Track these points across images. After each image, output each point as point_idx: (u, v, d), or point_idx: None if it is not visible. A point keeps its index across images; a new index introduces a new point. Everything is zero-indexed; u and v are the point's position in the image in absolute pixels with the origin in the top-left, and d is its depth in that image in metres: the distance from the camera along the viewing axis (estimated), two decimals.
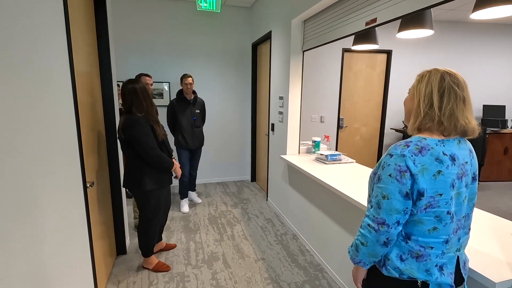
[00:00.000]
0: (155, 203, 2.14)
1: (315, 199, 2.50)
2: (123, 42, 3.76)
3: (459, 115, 0.90)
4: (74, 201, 1.40)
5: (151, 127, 2.01)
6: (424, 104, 0.93)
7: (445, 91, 0.91)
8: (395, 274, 0.97)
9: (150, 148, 1.98)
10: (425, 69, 1.00)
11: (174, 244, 2.64)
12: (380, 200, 0.93)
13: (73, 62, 1.41)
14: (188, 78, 3.18)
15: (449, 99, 0.90)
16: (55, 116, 1.21)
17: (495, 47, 4.76)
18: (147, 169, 2.04)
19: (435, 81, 0.92)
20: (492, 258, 1.11)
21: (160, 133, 2.07)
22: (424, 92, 0.94)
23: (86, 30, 1.87)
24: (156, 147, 2.01)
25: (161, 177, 2.12)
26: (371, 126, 4.68)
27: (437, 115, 0.91)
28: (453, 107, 0.90)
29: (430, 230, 0.92)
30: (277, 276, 2.25)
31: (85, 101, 1.77)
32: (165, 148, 2.13)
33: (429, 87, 0.93)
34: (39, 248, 1.03)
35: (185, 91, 3.24)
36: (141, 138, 1.95)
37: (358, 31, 1.97)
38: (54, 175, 1.17)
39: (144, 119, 1.99)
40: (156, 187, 2.09)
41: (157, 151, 2.01)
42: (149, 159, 1.99)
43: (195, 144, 3.38)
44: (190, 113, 3.30)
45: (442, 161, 0.89)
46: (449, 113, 0.90)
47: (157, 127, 2.06)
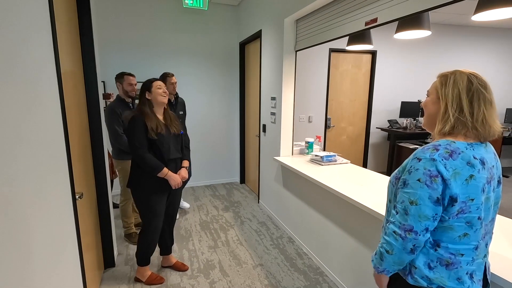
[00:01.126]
0: (149, 208, 1.98)
1: (311, 200, 2.46)
2: (105, 40, 3.54)
3: (489, 119, 0.88)
4: (63, 215, 1.25)
5: (144, 124, 1.85)
6: (453, 109, 0.89)
7: (474, 95, 0.88)
8: (424, 283, 0.93)
9: (133, 147, 1.84)
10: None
11: (187, 266, 2.34)
12: (407, 206, 0.89)
13: (59, 62, 1.26)
14: (173, 77, 2.83)
15: (479, 104, 0.87)
16: (42, 123, 1.07)
17: (479, 50, 4.98)
18: (137, 169, 1.92)
19: (463, 84, 0.89)
20: (507, 259, 1.11)
21: (153, 130, 1.87)
22: (451, 96, 0.90)
23: (68, 28, 1.71)
24: (141, 146, 1.84)
25: (155, 181, 1.93)
26: (357, 126, 4.74)
27: (470, 121, 0.87)
28: (484, 112, 0.87)
29: (460, 237, 0.89)
30: (277, 282, 2.18)
31: (70, 105, 1.61)
32: (156, 147, 1.90)
33: (457, 91, 0.89)
34: (28, 267, 0.90)
35: (170, 91, 2.86)
36: (129, 135, 1.86)
37: (357, 31, 1.94)
38: (42, 187, 1.03)
39: (141, 117, 1.87)
40: (148, 191, 1.94)
41: (140, 151, 1.84)
42: (134, 157, 1.88)
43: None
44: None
45: (473, 165, 0.86)
46: (482, 119, 0.87)
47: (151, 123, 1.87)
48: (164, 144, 1.92)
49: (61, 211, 1.22)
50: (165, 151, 1.93)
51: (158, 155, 1.91)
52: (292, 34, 2.79)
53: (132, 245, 2.69)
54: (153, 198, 1.97)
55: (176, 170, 2.04)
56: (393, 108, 4.82)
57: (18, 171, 0.86)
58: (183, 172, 2.06)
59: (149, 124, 1.86)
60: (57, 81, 1.25)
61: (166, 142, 1.93)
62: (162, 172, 1.89)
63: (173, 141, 1.99)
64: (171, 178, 1.94)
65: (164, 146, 1.92)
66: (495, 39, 5.03)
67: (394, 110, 4.83)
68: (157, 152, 1.91)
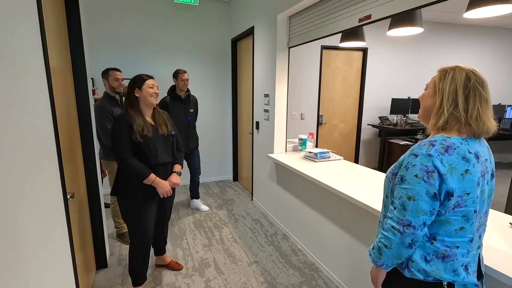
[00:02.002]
0: (136, 219, 1.80)
1: (306, 197, 2.47)
2: (93, 36, 3.45)
3: (484, 117, 0.89)
4: (55, 215, 1.22)
5: (130, 126, 1.69)
6: (448, 103, 0.91)
7: (470, 92, 0.89)
8: (420, 276, 0.94)
9: (116, 151, 1.68)
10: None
11: (181, 265, 2.29)
12: (405, 202, 0.90)
13: (48, 58, 1.22)
14: (185, 73, 2.91)
15: (475, 102, 0.89)
16: (32, 121, 1.03)
17: (469, 48, 5.08)
18: (122, 175, 1.76)
19: (460, 80, 0.90)
20: (499, 251, 1.13)
21: (138, 132, 1.70)
22: (448, 91, 0.91)
23: (56, 23, 1.65)
24: (124, 150, 1.67)
25: (143, 188, 1.76)
26: (348, 122, 4.79)
27: (463, 117, 0.89)
28: (479, 109, 0.88)
29: (457, 230, 0.90)
30: (273, 279, 2.19)
31: (60, 102, 1.57)
32: (144, 154, 1.72)
33: (454, 86, 0.91)
34: (21, 268, 0.87)
35: (180, 88, 2.95)
36: (112, 138, 1.70)
37: (351, 27, 1.95)
38: (32, 186, 1.00)
39: (125, 117, 1.72)
40: (136, 200, 1.77)
41: (124, 155, 1.67)
42: (119, 164, 1.71)
43: (190, 146, 3.14)
44: (184, 113, 3.03)
45: (468, 160, 0.87)
46: (476, 116, 0.88)
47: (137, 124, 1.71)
48: (151, 147, 1.74)
49: (53, 211, 1.19)
50: (152, 155, 1.75)
51: (145, 159, 1.74)
52: (285, 30, 2.78)
53: (125, 244, 2.64)
54: (141, 207, 1.80)
55: (166, 175, 1.87)
56: (383, 105, 4.88)
57: (7, 170, 0.83)
58: (173, 178, 1.88)
59: (134, 126, 1.70)
60: (46, 78, 1.21)
61: (153, 145, 1.76)
62: (149, 178, 1.72)
63: (162, 144, 1.82)
64: (159, 185, 1.76)
65: (151, 150, 1.74)
66: (485, 38, 5.15)
67: (384, 107, 4.89)
68: (144, 157, 1.73)
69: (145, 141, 1.72)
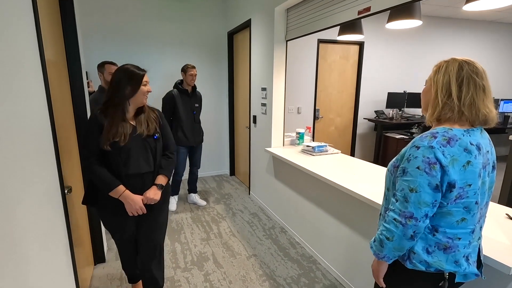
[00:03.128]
0: (107, 225, 1.59)
1: (303, 190, 2.48)
2: (87, 28, 3.37)
3: (480, 104, 0.90)
4: (53, 210, 1.20)
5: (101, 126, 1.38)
6: (442, 94, 0.92)
7: (463, 80, 0.90)
8: (422, 267, 0.95)
9: (82, 154, 1.40)
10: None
11: None
12: (407, 194, 0.90)
13: (43, 51, 1.18)
14: (193, 69, 2.96)
15: (469, 89, 0.89)
16: (28, 114, 1.00)
17: (466, 42, 5.10)
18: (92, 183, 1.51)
19: (453, 70, 0.91)
20: (497, 242, 1.15)
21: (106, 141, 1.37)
22: (441, 82, 0.92)
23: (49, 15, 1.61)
24: (91, 155, 1.39)
25: (102, 198, 1.49)
26: (345, 117, 4.80)
27: (457, 105, 0.90)
28: (473, 96, 0.89)
29: (458, 221, 0.91)
30: (271, 272, 2.20)
31: (55, 96, 1.53)
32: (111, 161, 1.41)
33: (447, 77, 0.92)
34: (22, 265, 0.86)
35: (188, 82, 3.00)
36: (82, 138, 1.40)
37: (350, 20, 1.94)
38: (30, 181, 0.98)
39: (95, 117, 1.40)
40: (106, 211, 1.53)
41: (87, 162, 1.39)
42: (84, 169, 1.53)
43: (196, 140, 3.15)
44: (190, 107, 3.06)
45: (470, 151, 0.88)
46: (469, 103, 0.89)
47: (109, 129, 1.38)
48: (121, 154, 1.41)
49: (51, 205, 1.17)
50: (121, 163, 1.42)
51: (114, 168, 1.42)
52: (283, 23, 2.76)
53: None
54: (114, 221, 1.54)
55: (144, 189, 1.49)
56: (380, 99, 4.90)
57: (4, 165, 0.81)
58: (150, 193, 1.48)
59: (104, 128, 1.39)
60: (42, 72, 1.18)
61: (124, 152, 1.42)
62: (116, 190, 1.40)
63: (137, 150, 1.46)
64: (126, 201, 1.42)
65: (120, 157, 1.41)
66: (480, 32, 5.18)
67: (381, 101, 4.91)
68: (112, 165, 1.42)
69: (114, 149, 1.39)
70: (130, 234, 1.60)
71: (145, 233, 1.60)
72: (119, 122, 1.41)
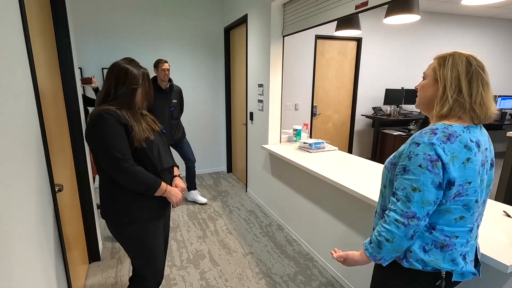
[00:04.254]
0: (148, 246, 1.38)
1: (300, 188, 2.46)
2: (80, 23, 3.32)
3: (487, 101, 0.87)
4: (42, 209, 1.17)
5: (125, 126, 1.25)
6: (451, 90, 0.88)
7: (473, 76, 0.86)
8: (418, 266, 0.93)
9: (113, 160, 1.21)
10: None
11: None
12: (409, 193, 0.87)
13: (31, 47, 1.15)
14: (165, 63, 2.80)
15: (478, 85, 0.86)
16: (14, 112, 0.97)
17: (464, 38, 5.07)
18: (114, 189, 1.29)
19: (462, 65, 0.87)
20: (494, 240, 1.14)
21: (141, 136, 1.28)
22: (450, 77, 0.88)
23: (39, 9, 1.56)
24: (127, 157, 1.24)
25: (151, 203, 1.35)
26: (342, 113, 4.78)
27: (468, 102, 0.86)
28: (482, 93, 0.86)
29: (457, 219, 0.89)
30: (268, 269, 2.19)
31: (46, 91, 1.49)
32: (147, 158, 1.30)
33: (455, 72, 0.88)
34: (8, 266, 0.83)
35: (161, 78, 2.85)
36: (103, 142, 1.21)
37: (347, 15, 1.90)
38: (14, 180, 0.95)
39: (116, 114, 1.23)
40: (144, 221, 1.34)
41: (127, 164, 1.23)
42: (115, 175, 1.24)
43: (175, 137, 3.07)
44: (166, 104, 2.96)
45: (470, 148, 0.85)
46: (480, 100, 0.86)
47: (138, 126, 1.29)
48: (153, 150, 1.34)
49: (39, 204, 1.14)
50: (157, 160, 1.35)
51: (148, 166, 1.32)
52: (280, 18, 2.72)
53: None
54: (152, 229, 1.37)
55: (171, 181, 1.47)
56: (377, 96, 4.88)
57: None
58: (180, 183, 1.50)
59: (133, 125, 1.27)
60: (30, 67, 1.14)
61: (156, 148, 1.37)
62: (161, 188, 1.32)
63: (162, 145, 1.43)
64: (172, 194, 1.37)
65: (154, 154, 1.34)
66: (479, 28, 5.15)
67: (378, 98, 4.89)
68: (147, 163, 1.32)
69: (148, 145, 1.31)
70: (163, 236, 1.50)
71: (167, 226, 1.59)
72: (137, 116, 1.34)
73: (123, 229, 1.33)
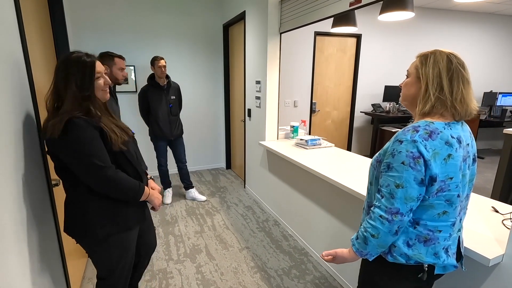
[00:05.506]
0: (121, 255, 1.30)
1: (296, 184, 2.49)
2: (79, 22, 3.34)
3: (467, 98, 0.89)
4: (39, 203, 1.21)
5: (99, 130, 1.13)
6: (433, 88, 0.90)
7: (453, 74, 0.88)
8: (402, 260, 0.96)
9: (96, 168, 1.10)
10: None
11: None
12: (393, 190, 0.89)
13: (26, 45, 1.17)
14: (161, 60, 2.84)
15: (458, 83, 0.88)
16: (11, 107, 1.00)
17: (461, 34, 5.04)
18: (94, 202, 1.17)
19: (443, 63, 0.89)
20: (479, 234, 1.16)
21: (118, 139, 1.17)
22: (432, 75, 0.90)
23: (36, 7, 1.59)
24: (106, 164, 1.13)
25: (122, 211, 1.24)
26: (342, 110, 4.78)
27: (449, 100, 0.88)
28: (462, 91, 0.88)
29: (440, 214, 0.92)
30: (263, 263, 2.23)
31: (43, 88, 1.53)
32: (128, 162, 1.23)
33: (437, 70, 0.90)
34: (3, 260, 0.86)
35: (158, 75, 2.89)
36: (78, 151, 1.08)
37: (342, 12, 1.91)
38: (13, 175, 0.98)
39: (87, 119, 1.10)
40: (115, 230, 1.23)
41: (109, 171, 1.13)
42: (97, 186, 1.14)
43: (174, 133, 3.11)
44: (165, 101, 3.00)
45: (451, 145, 0.87)
46: (460, 97, 0.88)
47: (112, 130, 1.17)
48: (132, 153, 1.27)
49: (35, 198, 1.17)
50: (136, 162, 1.28)
51: (129, 170, 1.24)
52: (277, 15, 2.73)
53: None
54: (129, 237, 1.30)
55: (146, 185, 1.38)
56: (377, 92, 4.88)
57: None
58: (155, 185, 1.46)
59: (108, 130, 1.15)
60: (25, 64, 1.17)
61: (133, 150, 1.29)
62: (145, 193, 1.27)
63: (136, 147, 1.36)
64: (154, 197, 1.33)
65: (133, 157, 1.27)
66: (478, 24, 5.12)
67: (377, 94, 4.89)
68: (127, 167, 1.23)
69: (128, 148, 1.23)
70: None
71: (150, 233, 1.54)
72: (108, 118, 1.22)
73: (103, 243, 1.23)
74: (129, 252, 1.34)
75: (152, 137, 3.13)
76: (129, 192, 1.20)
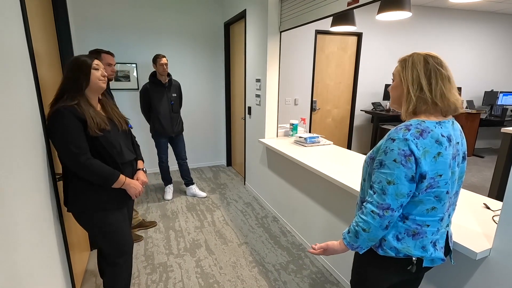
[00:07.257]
0: (99, 233, 1.46)
1: (295, 181, 2.53)
2: (82, 19, 3.38)
3: (448, 94, 0.93)
4: (43, 196, 1.25)
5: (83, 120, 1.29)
6: (413, 89, 0.95)
7: (431, 73, 0.93)
8: (391, 253, 0.99)
9: (70, 155, 1.27)
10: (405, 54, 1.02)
11: None
12: (385, 186, 0.93)
13: (31, 41, 1.21)
14: (163, 58, 2.89)
15: (437, 80, 0.93)
16: (15, 100, 1.04)
17: (460, 32, 5.04)
18: (73, 181, 1.36)
19: (420, 65, 0.94)
20: (469, 229, 1.19)
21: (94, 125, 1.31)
22: (411, 78, 0.95)
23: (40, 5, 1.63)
24: (81, 151, 1.28)
25: (98, 193, 1.38)
26: (342, 108, 4.81)
27: (429, 97, 0.93)
28: (442, 87, 0.92)
29: (428, 210, 0.95)
30: (261, 258, 2.27)
31: (47, 85, 1.57)
32: (103, 148, 1.36)
33: (415, 72, 0.95)
34: (10, 252, 0.91)
35: (160, 73, 2.94)
36: (58, 139, 1.27)
37: (339, 11, 1.94)
38: (19, 169, 1.02)
39: (72, 109, 1.27)
40: (85, 208, 1.39)
41: (83, 158, 1.28)
42: (73, 168, 1.31)
43: (175, 130, 3.16)
44: (166, 98, 3.05)
45: (441, 143, 0.91)
46: (440, 94, 0.93)
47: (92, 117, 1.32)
48: (113, 143, 1.41)
49: (40, 192, 1.22)
50: (116, 152, 1.42)
51: (108, 159, 1.38)
52: (277, 14, 2.75)
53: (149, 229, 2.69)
54: (112, 218, 1.45)
55: (133, 174, 1.55)
56: (377, 91, 4.89)
57: None
58: (142, 176, 1.58)
59: (87, 118, 1.30)
60: (30, 61, 1.21)
61: (115, 141, 1.43)
62: (119, 181, 1.39)
63: (123, 139, 1.49)
64: (130, 186, 1.44)
65: (114, 146, 1.41)
66: (479, 23, 5.11)
67: (378, 93, 4.91)
68: (106, 156, 1.37)
69: (105, 135, 1.36)
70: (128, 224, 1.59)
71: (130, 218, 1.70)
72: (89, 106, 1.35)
73: (85, 218, 1.42)
74: (114, 233, 1.47)
75: (153, 134, 3.17)
76: (100, 178, 1.34)
